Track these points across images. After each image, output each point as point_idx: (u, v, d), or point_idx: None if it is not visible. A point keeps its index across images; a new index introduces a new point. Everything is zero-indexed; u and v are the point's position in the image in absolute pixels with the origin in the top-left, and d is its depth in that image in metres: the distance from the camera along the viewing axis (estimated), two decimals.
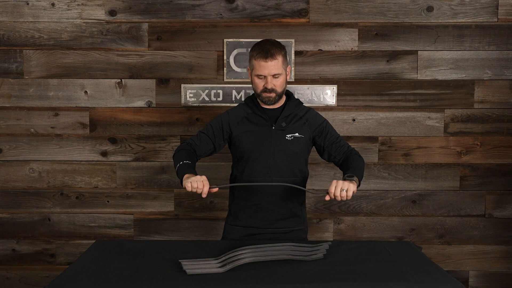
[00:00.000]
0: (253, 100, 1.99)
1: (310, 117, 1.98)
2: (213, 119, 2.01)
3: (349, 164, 1.89)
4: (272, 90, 1.86)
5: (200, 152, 1.95)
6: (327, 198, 1.73)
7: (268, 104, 1.92)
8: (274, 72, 1.84)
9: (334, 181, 1.71)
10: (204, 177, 1.72)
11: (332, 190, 1.70)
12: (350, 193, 1.70)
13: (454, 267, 2.80)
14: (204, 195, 1.70)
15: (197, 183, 1.69)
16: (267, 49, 1.84)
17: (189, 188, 1.70)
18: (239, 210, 1.98)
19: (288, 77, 1.95)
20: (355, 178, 1.78)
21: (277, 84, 1.87)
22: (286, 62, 1.91)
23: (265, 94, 1.88)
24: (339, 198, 1.69)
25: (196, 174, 1.77)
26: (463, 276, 2.80)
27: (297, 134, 1.92)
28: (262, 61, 1.83)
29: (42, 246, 2.80)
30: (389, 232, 2.79)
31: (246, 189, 1.95)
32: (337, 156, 1.97)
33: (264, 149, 1.91)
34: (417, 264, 1.60)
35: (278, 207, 1.93)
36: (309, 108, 2.02)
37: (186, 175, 1.76)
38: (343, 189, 1.69)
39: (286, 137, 1.91)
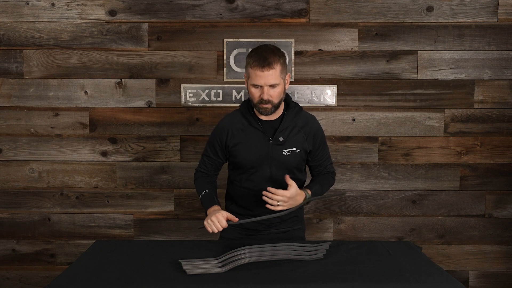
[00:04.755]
0: (249, 109, 1.89)
1: (310, 131, 1.90)
2: (210, 137, 1.96)
3: (316, 181, 1.96)
4: (268, 101, 1.76)
5: (215, 171, 2.00)
6: (272, 202, 1.74)
7: (265, 115, 1.84)
8: (271, 82, 1.74)
9: (294, 190, 1.74)
10: (222, 214, 1.74)
11: (283, 195, 1.72)
12: (283, 208, 1.74)
13: (454, 267, 2.80)
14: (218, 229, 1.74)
15: (215, 228, 1.73)
16: (264, 57, 1.73)
17: (209, 230, 1.75)
18: (238, 214, 1.95)
19: (287, 86, 1.85)
20: (309, 197, 1.83)
21: (274, 95, 1.76)
22: (285, 71, 1.81)
23: (261, 105, 1.78)
24: (275, 203, 1.73)
25: (217, 204, 1.86)
26: (463, 276, 2.80)
27: (294, 149, 1.86)
28: (258, 71, 1.73)
29: (42, 246, 2.80)
30: (389, 232, 2.79)
31: (245, 198, 1.93)
32: (314, 171, 2.02)
33: (262, 162, 1.86)
34: (417, 264, 1.60)
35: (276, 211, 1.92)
36: (310, 117, 1.95)
37: (208, 210, 1.83)
38: (287, 204, 1.73)
39: (283, 152, 1.85)
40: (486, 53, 2.69)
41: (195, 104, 2.71)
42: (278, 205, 1.72)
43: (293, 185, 1.74)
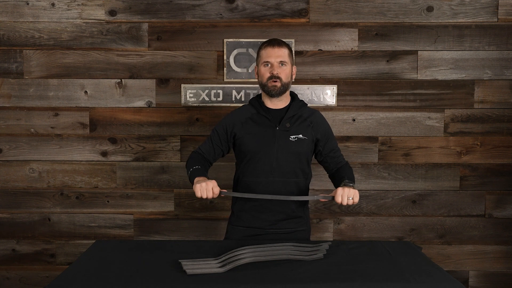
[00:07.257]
0: (257, 100, 2.00)
1: (315, 120, 1.99)
2: (218, 123, 2.02)
3: (343, 174, 1.97)
4: (277, 78, 1.88)
5: (210, 159, 2.01)
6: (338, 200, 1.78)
7: (273, 95, 1.92)
8: (280, 59, 1.88)
9: (340, 189, 1.78)
10: (212, 183, 1.76)
11: (339, 199, 1.76)
12: (356, 199, 1.77)
13: (454, 267, 2.80)
14: (214, 196, 1.77)
15: (206, 193, 1.75)
16: (274, 39, 1.94)
17: (198, 195, 1.76)
18: (242, 210, 1.99)
19: (294, 76, 1.98)
20: (354, 185, 1.86)
21: (282, 73, 1.89)
22: (291, 58, 1.95)
23: (270, 83, 1.89)
24: (345, 203, 1.77)
25: (206, 177, 1.83)
26: (463, 276, 2.80)
27: (301, 135, 1.93)
28: (269, 48, 1.90)
29: (42, 246, 2.80)
30: (389, 232, 2.79)
31: (249, 190, 1.94)
32: (331, 164, 2.04)
33: (268, 149, 1.91)
34: (417, 264, 1.60)
35: (280, 207, 1.93)
36: (315, 111, 2.03)
37: (196, 179, 1.81)
38: (349, 197, 1.76)
39: (290, 138, 1.92)
40: (486, 53, 2.69)
41: (195, 104, 2.71)
42: (351, 200, 1.77)
43: (338, 190, 1.79)
